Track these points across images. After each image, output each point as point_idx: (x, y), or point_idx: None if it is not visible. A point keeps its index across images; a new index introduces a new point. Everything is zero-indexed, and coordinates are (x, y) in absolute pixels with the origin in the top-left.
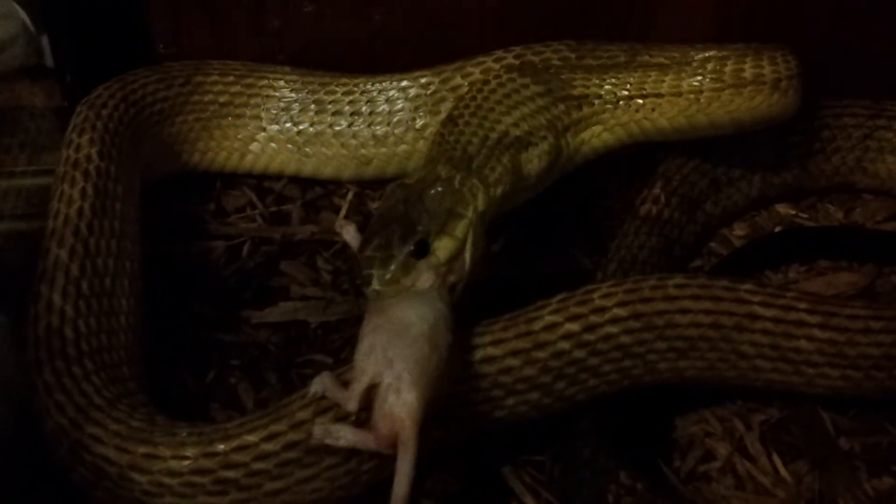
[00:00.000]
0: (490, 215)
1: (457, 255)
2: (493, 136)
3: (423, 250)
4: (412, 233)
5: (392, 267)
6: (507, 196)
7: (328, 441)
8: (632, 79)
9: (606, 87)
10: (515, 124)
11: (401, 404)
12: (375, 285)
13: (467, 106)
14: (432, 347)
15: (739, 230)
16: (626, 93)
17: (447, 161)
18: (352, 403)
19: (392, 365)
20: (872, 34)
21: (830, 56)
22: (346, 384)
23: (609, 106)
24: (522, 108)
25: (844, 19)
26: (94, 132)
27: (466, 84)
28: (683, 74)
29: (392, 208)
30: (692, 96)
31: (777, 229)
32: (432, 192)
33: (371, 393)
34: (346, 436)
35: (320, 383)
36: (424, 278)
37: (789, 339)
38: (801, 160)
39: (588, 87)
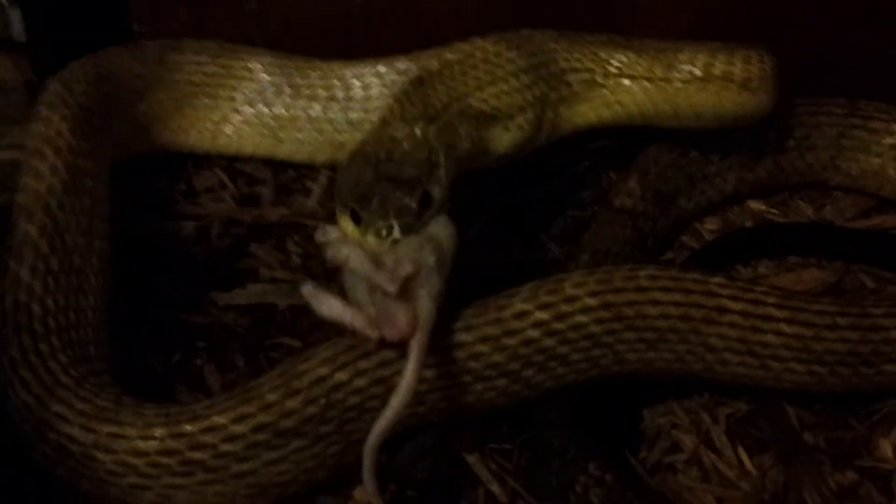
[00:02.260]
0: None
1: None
2: (457, 106)
3: (426, 199)
4: (412, 184)
5: (409, 215)
6: (465, 163)
7: (312, 303)
8: (614, 58)
9: (589, 63)
10: (484, 100)
11: (426, 308)
12: (396, 234)
13: (440, 72)
14: (449, 266)
15: (711, 224)
16: (610, 70)
17: (402, 120)
18: (392, 286)
19: (429, 270)
20: (849, 37)
21: (807, 57)
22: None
23: (594, 83)
24: (501, 85)
25: (822, 22)
26: (65, 107)
27: None
28: (657, 61)
29: (363, 172)
30: (662, 83)
31: (748, 224)
32: (400, 149)
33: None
34: (334, 307)
35: (354, 254)
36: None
37: (757, 333)
38: (776, 157)
39: (570, 62)
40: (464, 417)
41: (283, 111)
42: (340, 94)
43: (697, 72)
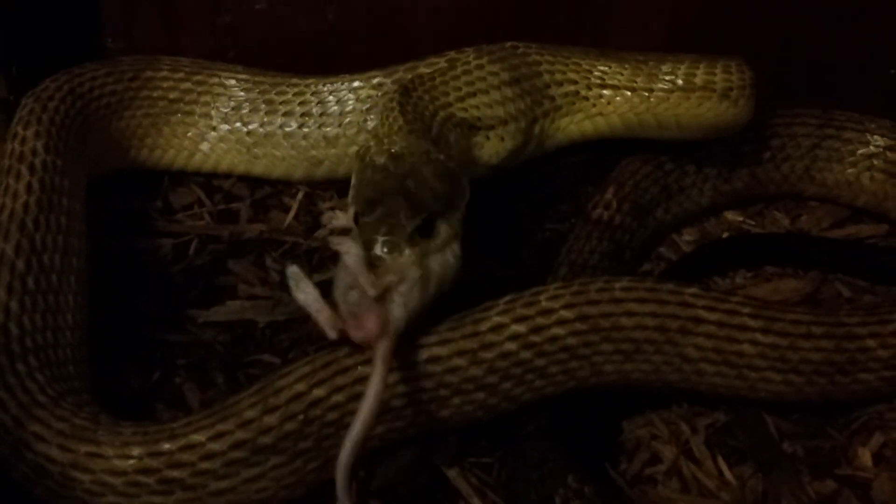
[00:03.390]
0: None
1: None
2: (442, 114)
3: (428, 228)
4: (420, 208)
5: (399, 236)
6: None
7: (292, 285)
8: (597, 69)
9: (572, 75)
10: (466, 109)
11: (396, 316)
12: (378, 250)
13: (423, 82)
14: (436, 293)
15: (688, 236)
16: (593, 81)
17: (425, 138)
18: (372, 288)
19: (412, 284)
20: (822, 46)
21: (780, 67)
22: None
23: (578, 96)
24: (483, 97)
25: (795, 32)
26: (39, 125)
27: None
28: (639, 71)
29: (386, 178)
30: (644, 94)
31: (725, 235)
32: (431, 170)
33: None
34: (311, 297)
35: (352, 252)
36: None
37: (732, 343)
38: (752, 168)
39: (553, 75)
40: (442, 431)
41: (258, 128)
42: (316, 110)
43: (679, 81)
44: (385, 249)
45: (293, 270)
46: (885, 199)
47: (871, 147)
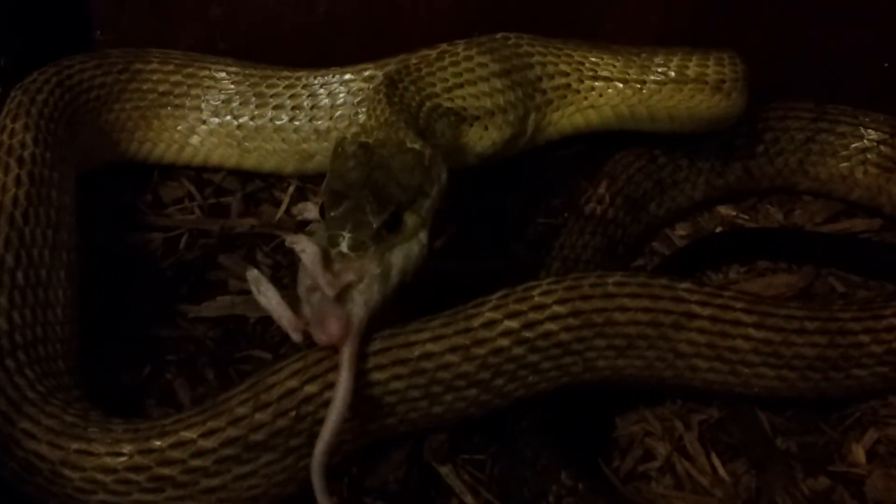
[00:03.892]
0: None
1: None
2: (428, 104)
3: (395, 222)
4: (387, 202)
5: (364, 233)
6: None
7: (254, 289)
8: (589, 61)
9: (564, 67)
10: (452, 100)
11: (358, 316)
12: (343, 247)
13: (409, 73)
14: (399, 284)
15: (681, 230)
16: (585, 73)
17: (408, 128)
18: (331, 289)
19: (371, 280)
20: (814, 39)
21: (773, 61)
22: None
23: (570, 88)
24: (470, 88)
25: (787, 25)
26: (28, 117)
27: None
28: (632, 63)
29: (354, 169)
30: (636, 86)
31: (718, 230)
32: (400, 161)
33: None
34: (273, 300)
35: (308, 252)
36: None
37: (725, 339)
38: (745, 162)
39: (545, 67)
40: (435, 428)
41: (248, 121)
42: (307, 103)
43: (672, 73)
44: (350, 247)
45: (253, 274)
46: (879, 194)
47: (865, 141)
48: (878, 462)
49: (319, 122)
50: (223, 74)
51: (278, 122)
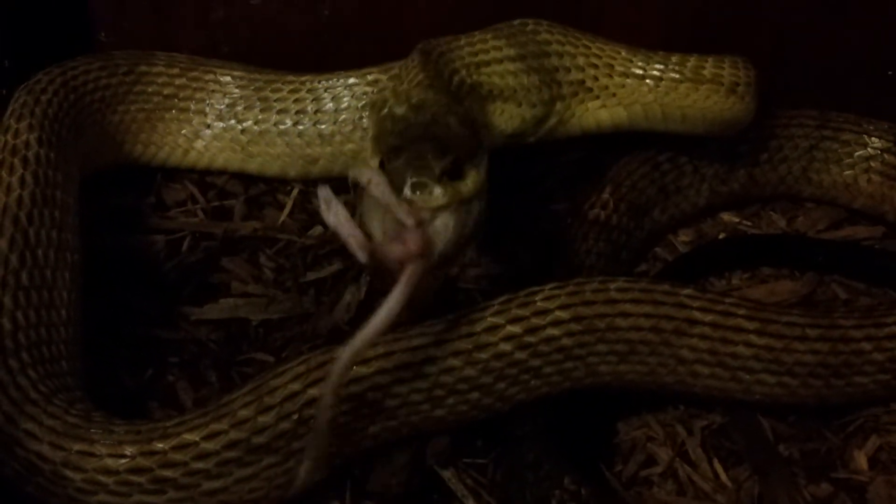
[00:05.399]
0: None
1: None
2: (457, 78)
3: (457, 171)
4: (447, 150)
5: (430, 177)
6: None
7: (323, 207)
8: (606, 54)
9: (581, 61)
10: (475, 76)
11: (441, 239)
12: (409, 192)
13: (438, 45)
14: (461, 240)
15: (685, 236)
16: (600, 66)
17: (446, 92)
18: (410, 219)
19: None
20: (817, 47)
21: (776, 68)
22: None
23: (583, 84)
24: (486, 68)
25: (790, 33)
26: (32, 118)
27: None
28: (650, 60)
29: (408, 126)
30: (652, 83)
31: (721, 236)
32: (450, 119)
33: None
34: (340, 217)
35: (376, 180)
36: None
37: (727, 345)
38: (749, 169)
39: (562, 58)
40: (437, 431)
41: (253, 125)
42: (311, 108)
43: (688, 73)
44: (416, 190)
45: (325, 192)
46: (882, 202)
47: (869, 149)
48: (881, 469)
49: (323, 127)
50: (228, 78)
51: (282, 127)
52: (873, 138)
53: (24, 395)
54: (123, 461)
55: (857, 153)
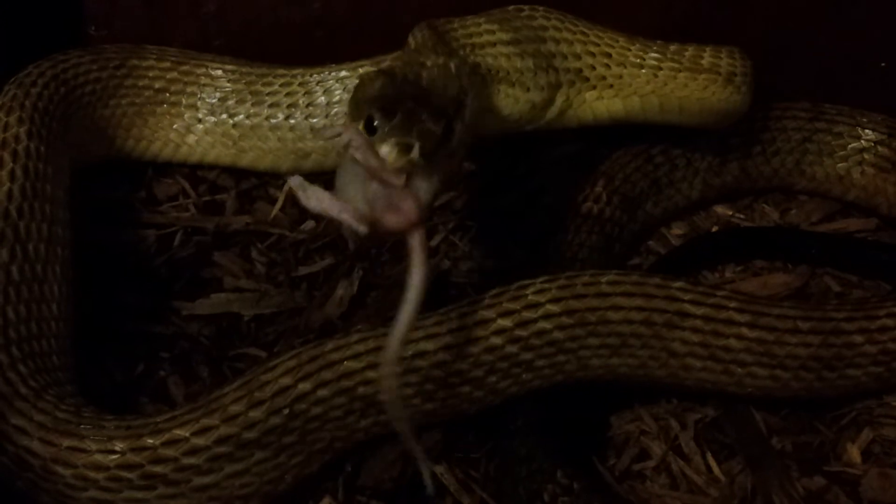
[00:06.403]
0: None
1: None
2: (460, 55)
3: (448, 132)
4: (441, 114)
5: (431, 142)
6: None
7: (300, 195)
8: (604, 42)
9: (577, 47)
10: (474, 57)
11: (427, 195)
12: (415, 154)
13: (441, 24)
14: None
15: (678, 229)
16: (597, 55)
17: (429, 50)
18: (398, 179)
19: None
20: (811, 39)
21: (770, 60)
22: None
23: (580, 75)
24: (480, 50)
25: (784, 25)
26: (22, 111)
27: None
28: (648, 49)
29: (388, 88)
30: (650, 72)
31: (714, 229)
32: (429, 76)
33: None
34: (323, 199)
35: (362, 149)
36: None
37: (718, 338)
38: (742, 162)
39: (559, 45)
40: (429, 426)
41: (244, 120)
42: (303, 101)
43: (686, 62)
44: (418, 155)
45: (297, 180)
46: (876, 194)
47: (863, 141)
48: (874, 462)
49: (315, 120)
50: (219, 72)
51: (274, 121)
52: (866, 130)
53: (14, 391)
54: (114, 457)
55: (850, 145)
